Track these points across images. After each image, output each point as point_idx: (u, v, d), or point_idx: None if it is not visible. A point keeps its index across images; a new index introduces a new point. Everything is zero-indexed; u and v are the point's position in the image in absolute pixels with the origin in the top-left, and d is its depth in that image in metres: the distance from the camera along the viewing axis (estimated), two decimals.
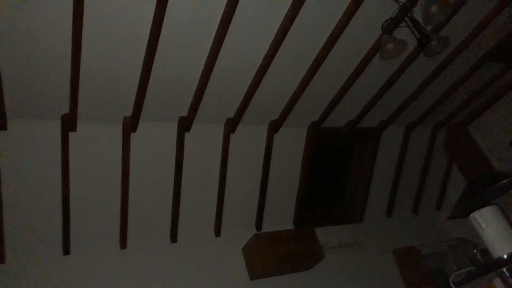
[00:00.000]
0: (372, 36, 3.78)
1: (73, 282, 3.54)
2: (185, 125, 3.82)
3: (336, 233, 4.95)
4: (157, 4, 2.81)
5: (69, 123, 3.34)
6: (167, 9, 2.85)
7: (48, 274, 3.49)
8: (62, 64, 2.96)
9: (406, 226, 5.52)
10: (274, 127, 4.33)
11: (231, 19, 3.08)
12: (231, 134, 4.12)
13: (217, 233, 4.32)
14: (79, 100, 3.22)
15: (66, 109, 3.30)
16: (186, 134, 3.87)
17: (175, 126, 3.83)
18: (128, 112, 3.53)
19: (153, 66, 3.17)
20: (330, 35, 3.59)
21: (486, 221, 2.11)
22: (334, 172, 5.36)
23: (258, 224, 4.54)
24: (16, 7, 2.58)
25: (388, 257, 5.08)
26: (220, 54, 3.30)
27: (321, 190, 5.23)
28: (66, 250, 3.62)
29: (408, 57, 4.13)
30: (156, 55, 3.10)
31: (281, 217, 4.71)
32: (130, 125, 3.57)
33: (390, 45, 3.27)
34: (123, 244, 3.84)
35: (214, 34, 3.19)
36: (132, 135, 3.63)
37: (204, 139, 4.02)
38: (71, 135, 3.40)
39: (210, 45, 3.26)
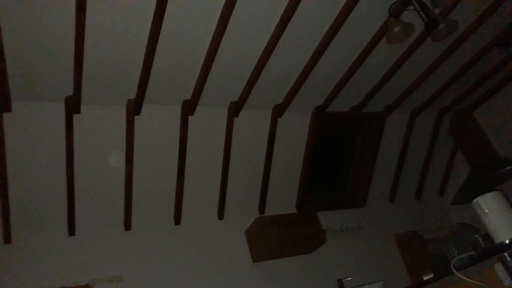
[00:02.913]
0: (379, 20, 3.72)
1: (78, 262, 3.59)
2: (188, 108, 3.81)
3: (338, 217, 4.97)
4: None
5: (73, 105, 3.34)
6: None
7: (54, 254, 3.54)
8: (66, 46, 2.94)
9: (408, 211, 5.53)
10: (278, 111, 4.31)
11: (236, 1, 3.05)
12: (235, 118, 4.11)
13: (220, 216, 4.35)
14: (83, 82, 3.21)
15: (70, 91, 3.29)
16: (190, 118, 3.87)
17: (178, 109, 3.82)
18: (132, 95, 3.53)
19: (157, 49, 3.15)
20: (336, 18, 3.54)
21: (489, 207, 2.11)
22: (338, 157, 5.34)
23: (261, 208, 4.56)
24: None
25: (390, 242, 5.10)
26: (224, 37, 3.27)
27: (324, 175, 5.21)
28: (71, 231, 3.66)
29: (415, 41, 4.08)
30: (160, 37, 3.08)
31: (284, 201, 4.72)
32: (134, 108, 3.57)
33: (396, 29, 3.23)
34: (127, 226, 3.87)
35: (218, 17, 3.16)
36: (136, 118, 3.63)
37: (208, 123, 4.01)
38: (75, 117, 3.40)
39: (214, 28, 3.23)
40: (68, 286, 3.43)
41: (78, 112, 3.39)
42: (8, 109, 3.17)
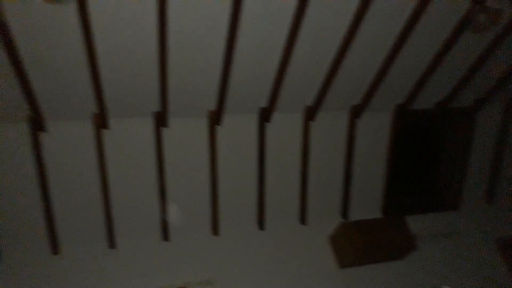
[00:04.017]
0: (461, 6, 3.29)
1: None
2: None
3: (429, 221, 4.72)
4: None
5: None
6: None
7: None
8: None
9: (510, 214, 5.02)
10: (356, 112, 4.17)
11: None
12: (311, 122, 4.03)
13: (303, 221, 4.33)
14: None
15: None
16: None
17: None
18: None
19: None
20: (414, 8, 3.22)
21: None
22: (424, 157, 5.04)
23: (344, 212, 4.49)
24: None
25: (490, 248, 4.71)
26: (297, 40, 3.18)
27: (410, 176, 4.99)
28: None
29: (506, 25, 3.54)
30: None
31: (368, 205, 4.60)
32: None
33: (482, 17, 3.00)
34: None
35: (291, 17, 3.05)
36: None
37: (283, 129, 3.98)
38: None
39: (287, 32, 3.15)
40: None
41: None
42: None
